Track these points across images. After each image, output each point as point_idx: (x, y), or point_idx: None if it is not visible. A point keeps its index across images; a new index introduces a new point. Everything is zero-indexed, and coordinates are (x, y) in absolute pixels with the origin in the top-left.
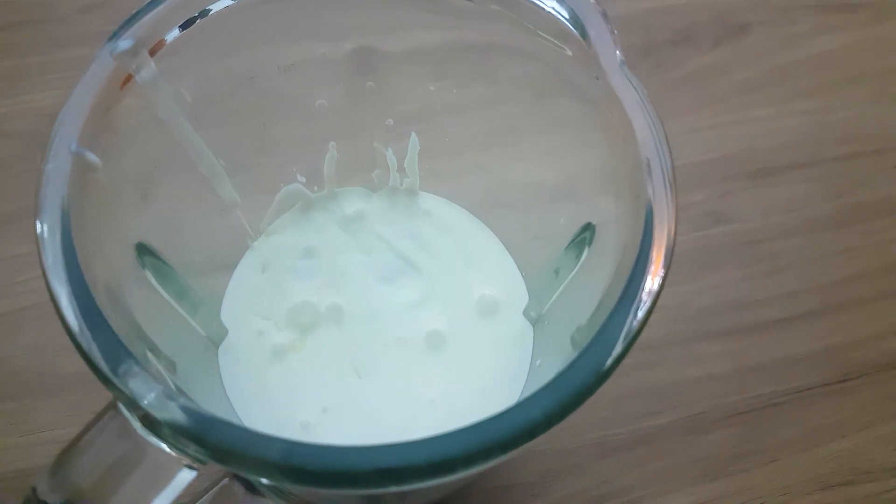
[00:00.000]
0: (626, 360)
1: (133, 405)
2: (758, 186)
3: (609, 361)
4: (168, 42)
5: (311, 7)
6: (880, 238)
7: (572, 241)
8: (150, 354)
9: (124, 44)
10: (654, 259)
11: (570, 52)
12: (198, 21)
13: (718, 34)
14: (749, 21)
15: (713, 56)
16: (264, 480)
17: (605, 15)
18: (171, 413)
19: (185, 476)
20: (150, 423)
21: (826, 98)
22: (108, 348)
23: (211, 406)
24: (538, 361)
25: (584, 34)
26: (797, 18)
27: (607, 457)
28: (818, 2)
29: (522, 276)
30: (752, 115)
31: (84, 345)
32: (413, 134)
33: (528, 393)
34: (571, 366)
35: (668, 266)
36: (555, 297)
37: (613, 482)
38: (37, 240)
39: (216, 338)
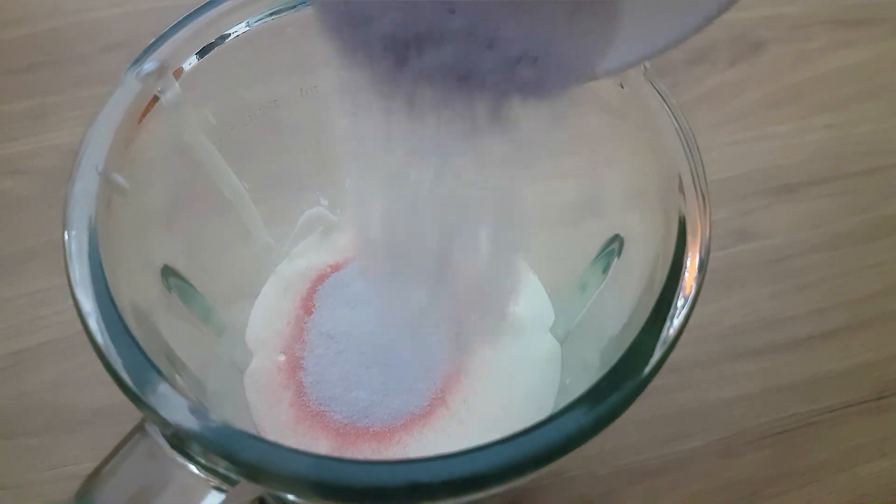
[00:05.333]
0: (655, 382)
1: (162, 422)
2: (781, 202)
3: (647, 370)
4: (189, 68)
5: None
6: None
7: (598, 254)
8: (178, 377)
9: (149, 66)
10: (688, 266)
11: None
12: (216, 47)
13: (734, 53)
14: (764, 39)
15: (730, 74)
16: (292, 497)
17: None
18: (202, 427)
19: (214, 499)
20: (180, 440)
21: (846, 113)
22: (134, 364)
23: None
24: (567, 380)
25: None
26: (812, 35)
27: (639, 482)
28: (833, 17)
29: (548, 294)
30: (772, 132)
31: (111, 360)
32: None
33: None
34: (607, 376)
35: (703, 273)
36: (582, 312)
37: None
38: (64, 253)
39: (241, 363)
